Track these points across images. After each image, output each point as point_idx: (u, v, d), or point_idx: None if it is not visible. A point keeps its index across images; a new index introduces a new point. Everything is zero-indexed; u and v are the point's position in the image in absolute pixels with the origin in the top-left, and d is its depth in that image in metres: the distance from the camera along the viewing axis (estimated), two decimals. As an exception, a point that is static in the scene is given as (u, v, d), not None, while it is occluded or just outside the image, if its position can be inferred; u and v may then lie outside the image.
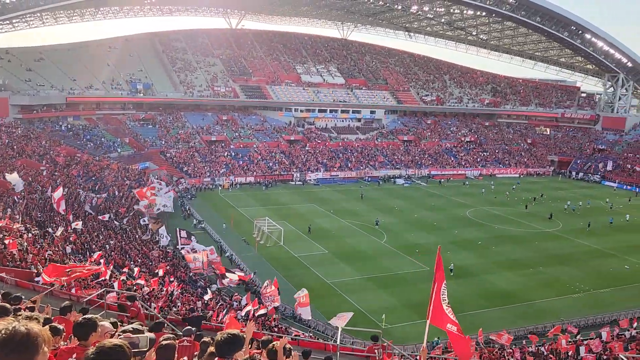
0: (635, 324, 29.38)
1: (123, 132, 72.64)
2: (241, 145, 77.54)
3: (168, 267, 31.82)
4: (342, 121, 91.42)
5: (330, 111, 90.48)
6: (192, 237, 40.09)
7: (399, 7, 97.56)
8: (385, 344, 14.52)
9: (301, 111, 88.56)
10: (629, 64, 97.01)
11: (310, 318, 27.23)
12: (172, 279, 28.47)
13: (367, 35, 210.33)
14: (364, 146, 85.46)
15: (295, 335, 22.26)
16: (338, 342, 10.13)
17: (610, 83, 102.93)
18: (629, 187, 78.60)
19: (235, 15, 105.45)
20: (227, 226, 48.70)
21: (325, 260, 41.67)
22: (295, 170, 74.69)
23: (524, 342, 27.67)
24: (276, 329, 24.21)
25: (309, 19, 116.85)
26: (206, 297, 27.15)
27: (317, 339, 22.93)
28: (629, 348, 23.79)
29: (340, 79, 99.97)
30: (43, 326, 3.03)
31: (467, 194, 70.37)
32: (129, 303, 12.15)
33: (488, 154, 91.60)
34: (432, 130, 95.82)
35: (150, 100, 79.64)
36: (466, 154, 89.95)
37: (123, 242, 36.62)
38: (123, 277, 24.89)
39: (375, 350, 10.62)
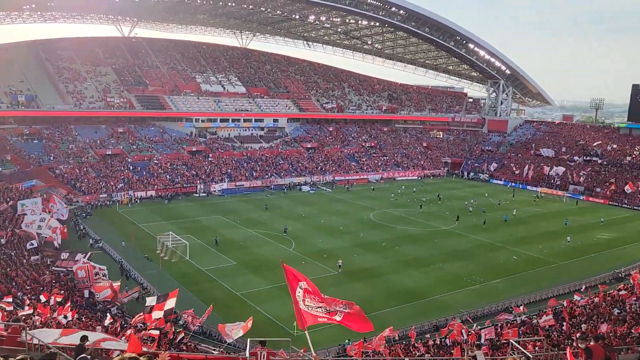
0: (525, 310, 31.89)
1: (4, 148, 66.46)
2: (140, 158, 74.10)
3: (62, 292, 29.45)
4: (246, 130, 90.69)
5: (233, 120, 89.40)
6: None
7: (297, 17, 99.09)
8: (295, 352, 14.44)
9: (202, 121, 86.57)
10: (508, 71, 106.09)
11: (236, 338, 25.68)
12: (67, 304, 26.32)
13: (266, 44, 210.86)
14: (268, 155, 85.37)
15: (206, 351, 21.53)
16: (247, 355, 9.87)
17: (492, 89, 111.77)
18: (513, 184, 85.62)
19: (127, 22, 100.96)
20: (127, 244, 46.16)
21: (234, 271, 40.92)
22: (198, 181, 72.73)
23: (428, 335, 28.96)
24: (184, 347, 23.25)
25: (207, 28, 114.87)
26: (106, 322, 25.42)
27: (228, 354, 22.32)
28: (521, 332, 25.72)
29: (242, 87, 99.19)
30: None
31: (371, 197, 72.70)
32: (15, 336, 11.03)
33: (388, 158, 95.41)
34: (334, 137, 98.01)
35: (34, 114, 73.60)
36: (367, 159, 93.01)
37: (8, 269, 33.31)
38: (10, 308, 22.58)
39: (258, 353, 10.52)
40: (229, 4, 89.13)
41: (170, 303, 25.83)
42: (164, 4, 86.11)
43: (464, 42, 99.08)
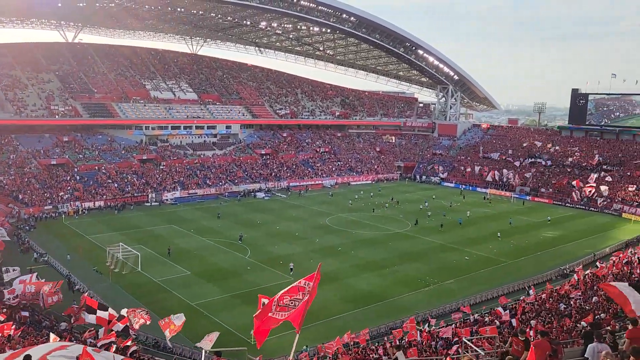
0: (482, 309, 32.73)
1: (-62, 159, 62.79)
2: (87, 168, 71.56)
3: (5, 310, 27.97)
4: (198, 137, 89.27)
5: (185, 128, 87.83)
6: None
7: (248, 23, 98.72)
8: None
9: (153, 129, 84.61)
10: (456, 77, 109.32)
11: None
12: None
13: (217, 50, 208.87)
14: (222, 162, 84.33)
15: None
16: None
17: (442, 94, 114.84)
18: (463, 187, 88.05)
19: (71, 28, 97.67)
20: (75, 256, 44.41)
21: (189, 281, 40.08)
22: (150, 190, 70.93)
23: (385, 338, 29.24)
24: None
25: (156, 33, 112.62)
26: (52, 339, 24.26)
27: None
28: (474, 332, 26.34)
29: (193, 94, 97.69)
30: None
31: (326, 202, 72.99)
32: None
33: (342, 163, 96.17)
34: (289, 143, 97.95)
35: (-29, 123, 69.95)
36: (322, 165, 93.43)
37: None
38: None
39: None
40: (178, 9, 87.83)
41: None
42: (110, 9, 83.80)
43: (414, 48, 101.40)
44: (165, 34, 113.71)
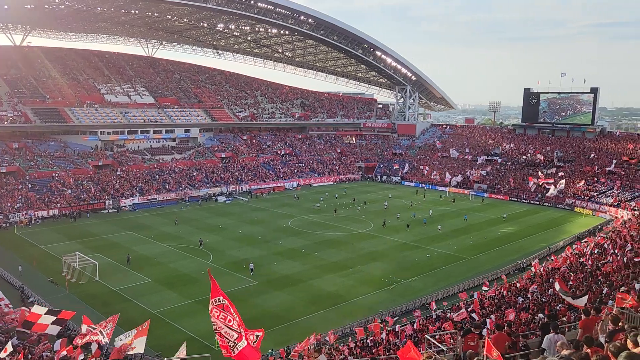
0: (444, 305, 33.32)
1: None
2: (40, 175, 68.96)
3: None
4: (156, 142, 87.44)
5: (142, 132, 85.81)
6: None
7: (205, 25, 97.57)
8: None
9: (108, 134, 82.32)
10: (413, 78, 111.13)
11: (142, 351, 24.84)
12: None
13: (174, 53, 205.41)
14: (182, 166, 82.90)
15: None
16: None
17: (400, 94, 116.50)
18: (423, 185, 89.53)
19: (19, 30, 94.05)
20: (28, 267, 42.68)
21: (149, 289, 39.19)
22: (107, 197, 69.01)
23: (349, 338, 29.38)
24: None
25: (109, 36, 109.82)
26: (3, 355, 23.21)
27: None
28: (440, 327, 26.80)
29: (150, 98, 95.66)
30: None
31: (289, 204, 72.80)
32: None
33: (303, 165, 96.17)
34: (249, 145, 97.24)
35: None
36: (283, 167, 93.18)
37: None
38: None
39: None
40: (132, 11, 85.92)
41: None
42: (60, 11, 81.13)
43: (372, 49, 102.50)
44: (120, 37, 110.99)
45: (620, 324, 8.92)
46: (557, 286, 18.67)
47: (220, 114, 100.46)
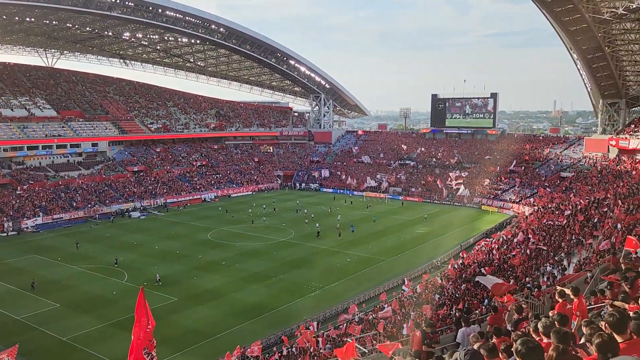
0: (364, 307, 34.02)
1: None
2: None
3: None
4: (61, 157, 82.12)
5: (44, 147, 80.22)
6: None
7: (110, 34, 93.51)
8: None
9: (5, 150, 76.19)
10: (327, 86, 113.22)
11: None
12: None
13: (77, 63, 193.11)
14: (90, 182, 78.42)
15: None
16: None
17: (315, 102, 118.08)
18: (341, 191, 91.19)
19: None
20: None
21: (58, 315, 36.56)
22: (5, 219, 63.70)
23: (274, 348, 29.21)
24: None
25: (1, 45, 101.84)
26: None
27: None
28: (364, 329, 27.35)
29: (52, 111, 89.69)
30: None
31: (207, 217, 71.17)
32: None
33: (221, 175, 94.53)
34: (163, 158, 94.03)
35: None
36: (200, 178, 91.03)
37: None
38: None
39: None
40: (28, 19, 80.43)
41: None
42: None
43: (285, 58, 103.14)
44: (14, 46, 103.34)
45: (523, 313, 9.58)
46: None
47: (131, 126, 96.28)
